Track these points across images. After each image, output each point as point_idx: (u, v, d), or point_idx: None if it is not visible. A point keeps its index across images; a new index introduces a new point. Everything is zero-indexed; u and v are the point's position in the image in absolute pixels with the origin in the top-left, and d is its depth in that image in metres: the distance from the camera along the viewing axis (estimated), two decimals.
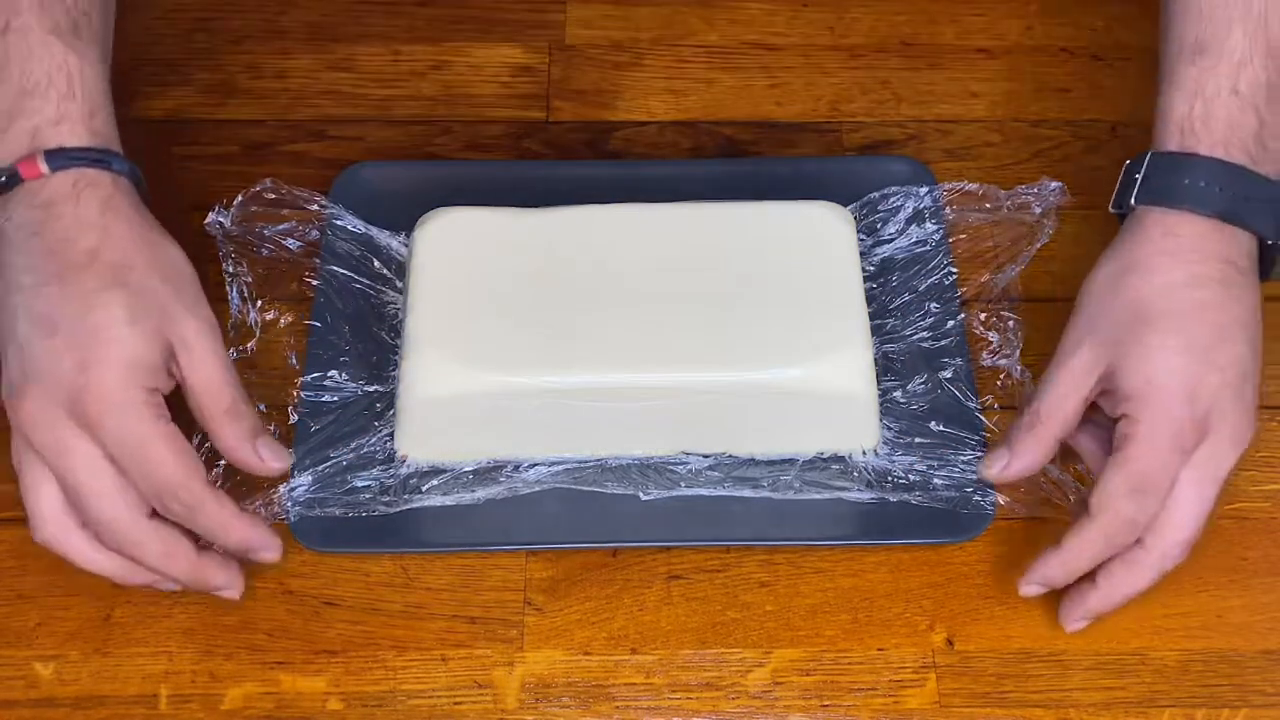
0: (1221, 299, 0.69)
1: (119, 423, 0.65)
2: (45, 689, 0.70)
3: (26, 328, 0.65)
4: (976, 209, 0.84)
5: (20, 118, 0.68)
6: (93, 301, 0.65)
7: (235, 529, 0.69)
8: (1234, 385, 0.69)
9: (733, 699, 0.70)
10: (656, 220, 0.79)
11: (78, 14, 0.70)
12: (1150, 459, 0.68)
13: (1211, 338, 0.69)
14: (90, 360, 0.65)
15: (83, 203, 0.67)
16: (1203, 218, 0.70)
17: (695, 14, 0.97)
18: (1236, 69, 0.71)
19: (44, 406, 0.65)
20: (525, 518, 0.75)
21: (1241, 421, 0.69)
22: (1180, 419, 0.68)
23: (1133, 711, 0.70)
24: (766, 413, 0.74)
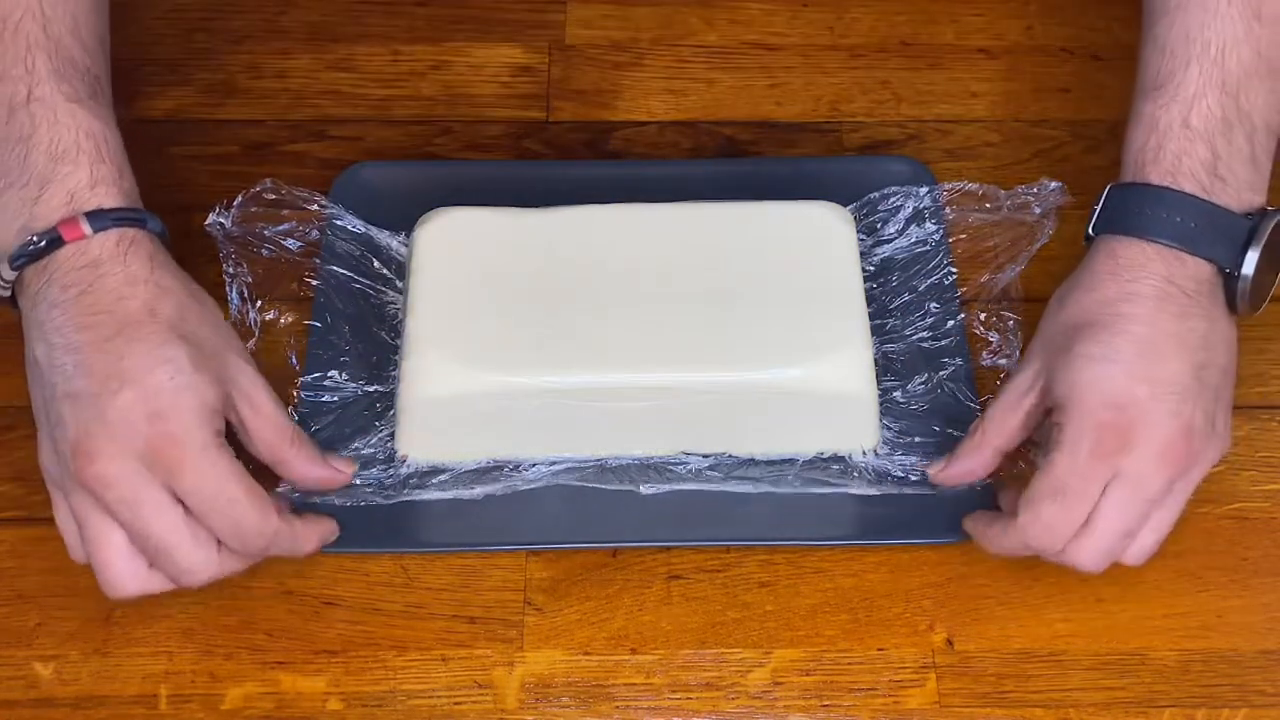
0: (1153, 314, 0.69)
1: (198, 468, 0.66)
2: (45, 689, 0.70)
3: (88, 385, 0.66)
4: (976, 209, 0.84)
5: (54, 183, 0.69)
6: (159, 355, 0.66)
7: (308, 541, 0.71)
8: (1167, 401, 0.68)
9: (733, 699, 0.70)
10: (656, 220, 0.79)
11: (91, 80, 0.72)
12: (1069, 464, 0.68)
13: (1140, 351, 0.69)
14: (164, 410, 0.65)
15: (130, 261, 0.69)
16: (1147, 242, 0.71)
17: (695, 14, 0.97)
18: (1190, 104, 0.72)
19: (121, 463, 0.65)
20: (525, 518, 0.75)
21: (1176, 440, 0.68)
22: (1101, 425, 0.68)
23: (1133, 711, 0.70)
24: (766, 413, 0.74)
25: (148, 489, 0.65)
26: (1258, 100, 0.72)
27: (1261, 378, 0.81)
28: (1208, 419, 0.69)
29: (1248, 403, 0.80)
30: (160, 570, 0.68)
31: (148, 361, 0.66)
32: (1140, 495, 0.68)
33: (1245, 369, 0.80)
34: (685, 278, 0.76)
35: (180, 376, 0.66)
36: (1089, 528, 0.69)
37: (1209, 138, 0.71)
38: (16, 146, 0.69)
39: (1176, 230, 0.71)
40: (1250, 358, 0.81)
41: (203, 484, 0.66)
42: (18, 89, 0.70)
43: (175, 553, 0.67)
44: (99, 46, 0.74)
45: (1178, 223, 0.71)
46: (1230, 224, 0.71)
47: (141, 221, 0.70)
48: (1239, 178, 0.72)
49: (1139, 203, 0.72)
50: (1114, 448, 0.67)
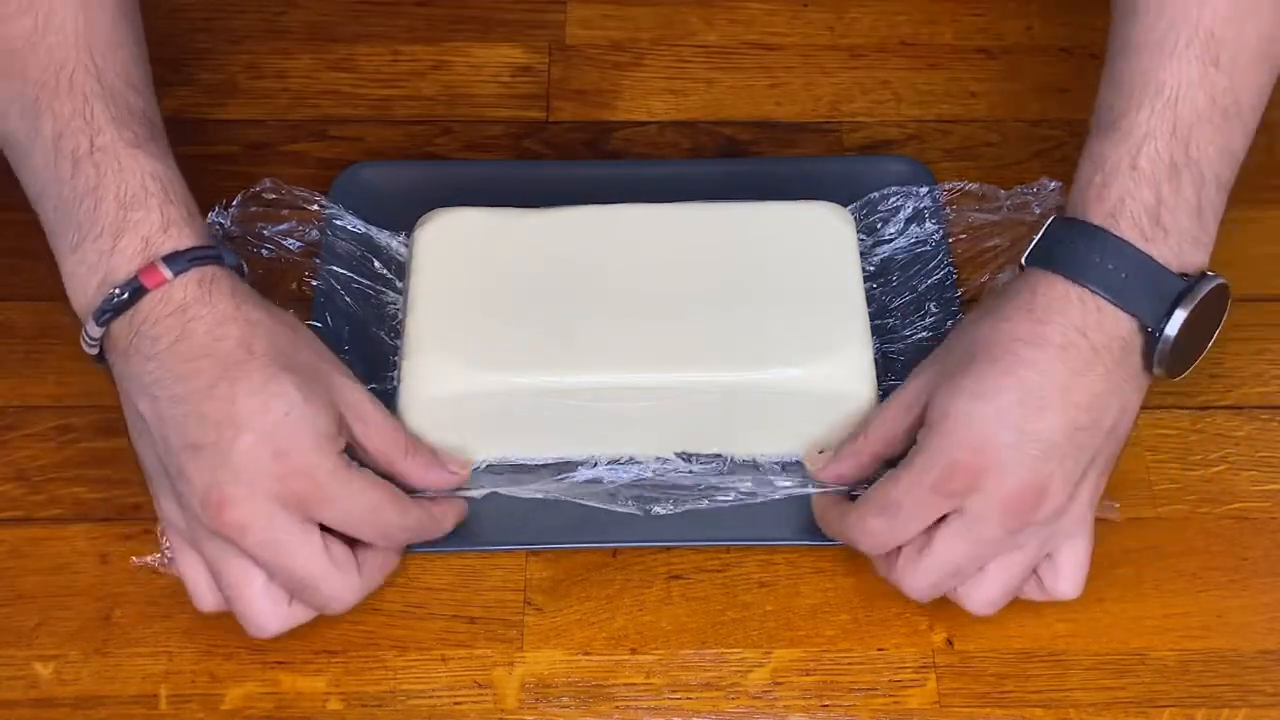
0: (1050, 363, 0.66)
1: (337, 494, 0.66)
2: (45, 689, 0.70)
3: (205, 434, 0.65)
4: (976, 209, 0.84)
5: (128, 231, 0.68)
6: (269, 393, 0.66)
7: (447, 521, 0.72)
8: (1026, 455, 0.66)
9: (733, 699, 0.70)
10: (656, 220, 0.78)
11: (148, 124, 0.72)
12: (908, 486, 0.67)
13: (1021, 399, 0.66)
14: (287, 448, 0.65)
15: (215, 300, 0.68)
16: (1072, 283, 0.68)
17: (695, 14, 0.97)
18: (1139, 144, 0.69)
19: (255, 506, 0.65)
20: (525, 518, 0.75)
21: (1023, 494, 0.66)
22: (953, 463, 0.66)
23: (1133, 711, 0.70)
24: (766, 413, 0.74)
25: (287, 528, 0.66)
26: (1209, 149, 0.69)
27: (1261, 377, 0.81)
28: (1067, 482, 0.67)
29: (1248, 403, 0.80)
30: (307, 602, 0.68)
31: (259, 401, 0.65)
32: (974, 535, 0.67)
33: (1245, 369, 0.81)
34: (685, 278, 0.76)
35: (294, 410, 0.66)
36: (921, 554, 0.68)
37: (1155, 182, 0.68)
38: (86, 199, 0.68)
39: (1105, 278, 0.67)
40: (1250, 358, 0.81)
41: (344, 505, 0.67)
42: (79, 141, 0.69)
43: (321, 584, 0.67)
44: (149, 90, 0.74)
45: (1109, 270, 0.67)
46: (1161, 281, 0.68)
47: (218, 258, 0.69)
48: (1181, 228, 0.69)
49: (1073, 241, 0.69)
50: (958, 487, 0.66)
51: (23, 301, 0.82)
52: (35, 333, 0.81)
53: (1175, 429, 0.79)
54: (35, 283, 0.82)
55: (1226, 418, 0.79)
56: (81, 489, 0.76)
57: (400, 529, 0.69)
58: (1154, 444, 0.78)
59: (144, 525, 0.75)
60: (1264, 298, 0.83)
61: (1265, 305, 0.83)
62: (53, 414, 0.78)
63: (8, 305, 0.82)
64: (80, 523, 0.75)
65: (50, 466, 0.77)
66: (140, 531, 0.75)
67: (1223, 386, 0.80)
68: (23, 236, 0.83)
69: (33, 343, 0.81)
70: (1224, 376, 0.81)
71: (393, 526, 0.69)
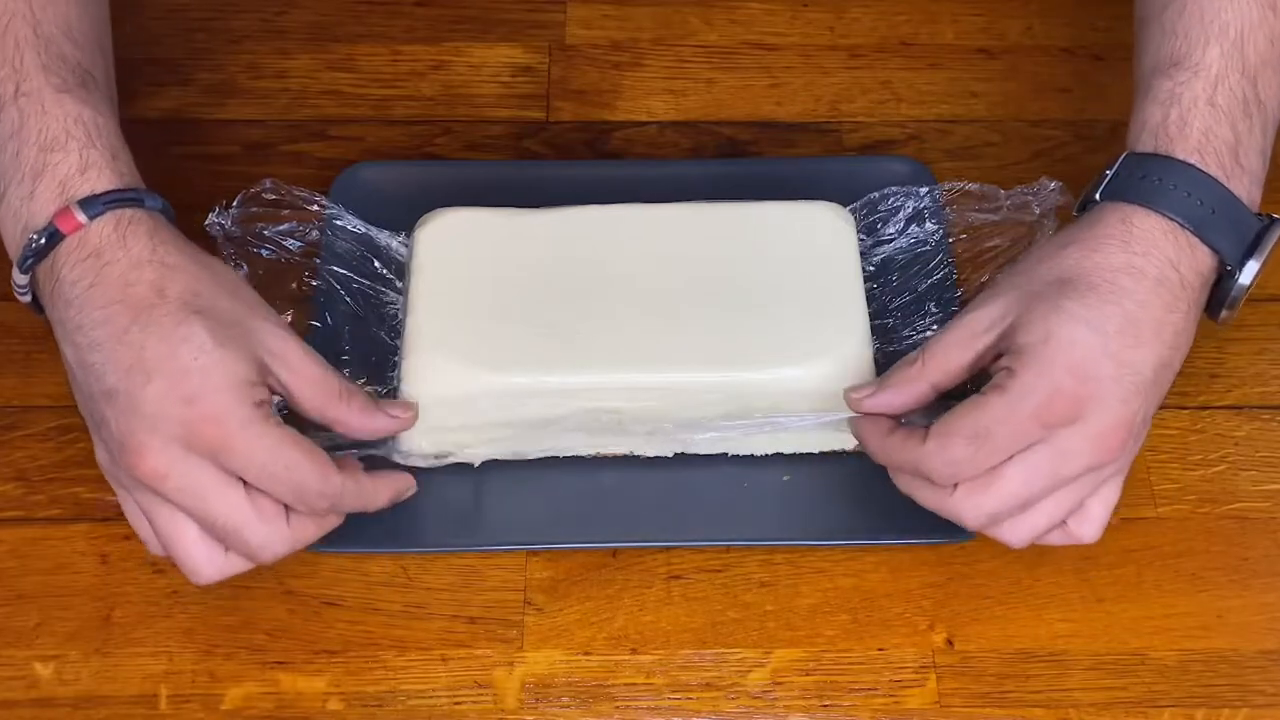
0: (1148, 297, 0.67)
1: (245, 443, 0.64)
2: (45, 689, 0.70)
3: (117, 381, 0.65)
4: (976, 209, 0.84)
5: (45, 174, 0.67)
6: (177, 337, 0.65)
7: (381, 494, 0.70)
8: (1124, 388, 0.65)
9: (733, 699, 0.70)
10: (656, 220, 0.79)
11: (81, 72, 0.71)
12: (1005, 413, 0.65)
13: (1122, 328, 0.66)
14: (196, 392, 0.64)
15: (130, 243, 0.67)
16: (1164, 218, 0.68)
17: (695, 14, 0.97)
18: (1214, 83, 0.70)
19: (168, 454, 0.64)
20: (525, 518, 0.75)
21: (1117, 429, 0.65)
22: (1057, 389, 0.64)
23: (1133, 711, 0.70)
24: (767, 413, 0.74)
25: (202, 474, 0.64)
26: (1271, 90, 0.70)
27: (1261, 377, 0.81)
28: (1145, 420, 0.67)
29: (1248, 403, 0.80)
30: (235, 550, 0.67)
31: (167, 347, 0.65)
32: (1057, 470, 0.65)
33: (1245, 369, 0.81)
34: (685, 278, 0.76)
35: (204, 355, 0.64)
36: (990, 484, 0.66)
37: (1232, 119, 0.69)
38: (9, 144, 0.68)
39: (1193, 212, 0.68)
40: (1250, 358, 0.81)
41: (253, 457, 0.64)
42: (6, 88, 0.69)
43: (244, 532, 0.65)
44: (94, 47, 0.73)
45: (1198, 205, 0.68)
46: (1241, 218, 0.69)
47: (138, 200, 0.68)
48: (1253, 168, 0.70)
49: (1160, 175, 0.68)
50: (1058, 417, 0.65)
51: None
52: (35, 333, 0.81)
53: (1175, 429, 0.79)
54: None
55: (1226, 418, 0.79)
56: (81, 489, 0.76)
57: (319, 495, 0.66)
58: (1154, 444, 0.78)
59: None
60: (1264, 298, 0.83)
61: (1265, 305, 0.83)
62: (53, 414, 0.78)
63: (8, 305, 0.82)
64: (80, 523, 0.75)
65: (50, 466, 0.77)
66: None
67: (1223, 386, 0.80)
68: None
69: (33, 343, 0.81)
70: (1224, 376, 0.81)
71: (309, 491, 0.66)
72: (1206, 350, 0.81)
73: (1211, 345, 0.81)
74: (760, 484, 0.76)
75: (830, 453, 0.76)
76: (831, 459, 0.76)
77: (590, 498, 0.75)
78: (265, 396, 0.66)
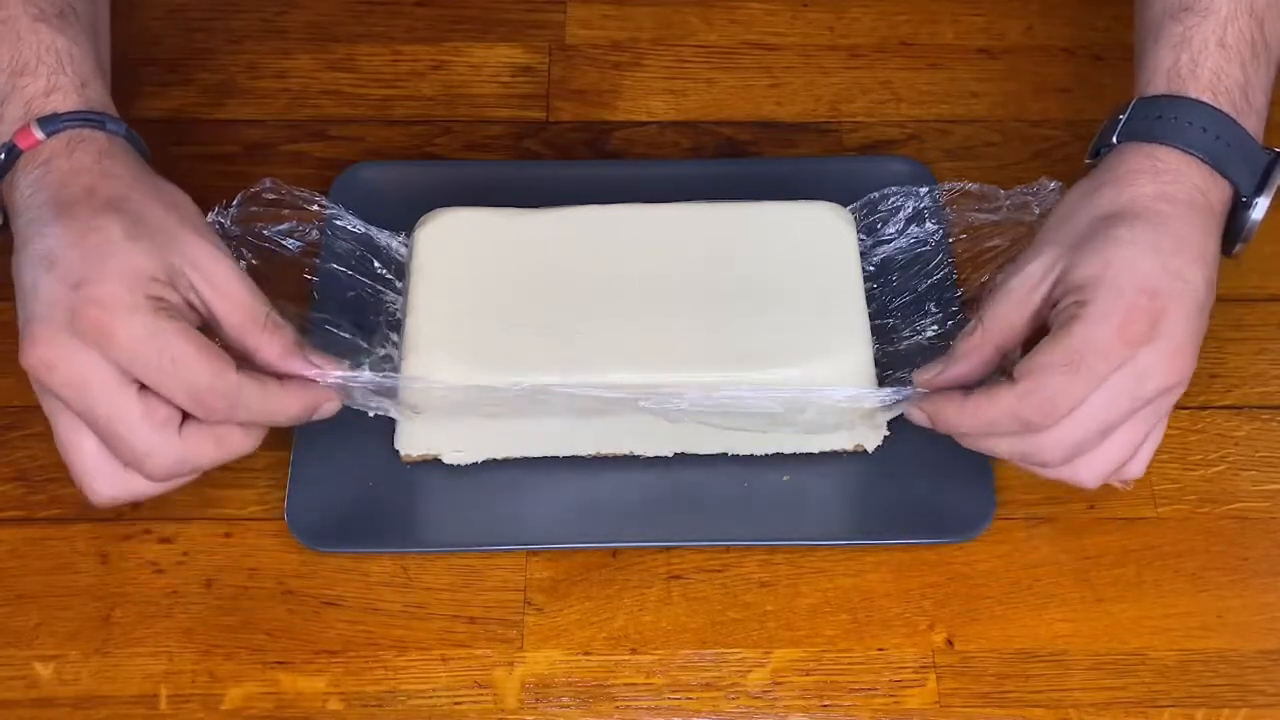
0: (1188, 220, 0.68)
1: (128, 328, 0.62)
2: (45, 689, 0.70)
3: (30, 273, 0.64)
4: (976, 209, 0.84)
5: (13, 97, 0.68)
6: (87, 227, 0.64)
7: (288, 401, 0.67)
8: (1189, 305, 0.66)
9: (733, 699, 0.70)
10: (656, 220, 0.78)
11: (61, 4, 0.71)
12: (1091, 337, 0.65)
13: (1174, 248, 0.67)
14: (90, 277, 0.63)
15: (76, 155, 0.67)
16: (1184, 153, 0.70)
17: (695, 14, 0.97)
18: (1224, 24, 0.71)
19: (52, 340, 0.62)
20: (525, 518, 0.75)
21: (1186, 345, 0.66)
22: (1133, 305, 0.65)
23: (1133, 711, 0.70)
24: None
25: (88, 365, 0.62)
26: (1275, 31, 0.72)
27: (1261, 377, 0.81)
28: (1202, 337, 0.68)
29: (1248, 403, 0.80)
30: (120, 457, 0.64)
31: (75, 235, 0.64)
32: (1135, 391, 0.66)
33: (1245, 369, 0.81)
34: (685, 278, 0.76)
35: (107, 245, 0.63)
36: (1072, 417, 0.66)
37: (1241, 60, 0.71)
38: None
39: (1210, 146, 0.69)
40: (1250, 358, 0.81)
41: (137, 346, 0.62)
42: None
43: (128, 435, 0.63)
44: None
45: (1214, 140, 0.70)
46: (1252, 153, 0.71)
47: (99, 124, 0.68)
48: (1259, 106, 0.72)
49: (1175, 113, 0.70)
50: (1140, 332, 0.65)
51: None
52: None
53: (1175, 429, 0.79)
54: None
55: (1226, 418, 0.79)
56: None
57: (214, 393, 0.63)
58: None
59: (144, 525, 0.75)
60: (1264, 298, 0.83)
61: (1265, 305, 0.83)
62: None
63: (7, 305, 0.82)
64: (80, 523, 0.75)
65: (50, 466, 0.76)
66: (140, 531, 0.75)
67: (1223, 386, 0.80)
68: None
69: None
70: (1224, 376, 0.81)
71: (202, 388, 0.63)
72: (1206, 350, 0.80)
73: (1211, 345, 0.81)
74: (760, 484, 0.76)
75: (830, 453, 0.76)
76: (831, 459, 0.76)
77: (590, 498, 0.75)
78: (167, 296, 0.64)
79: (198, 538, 0.74)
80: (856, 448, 0.77)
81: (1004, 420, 0.67)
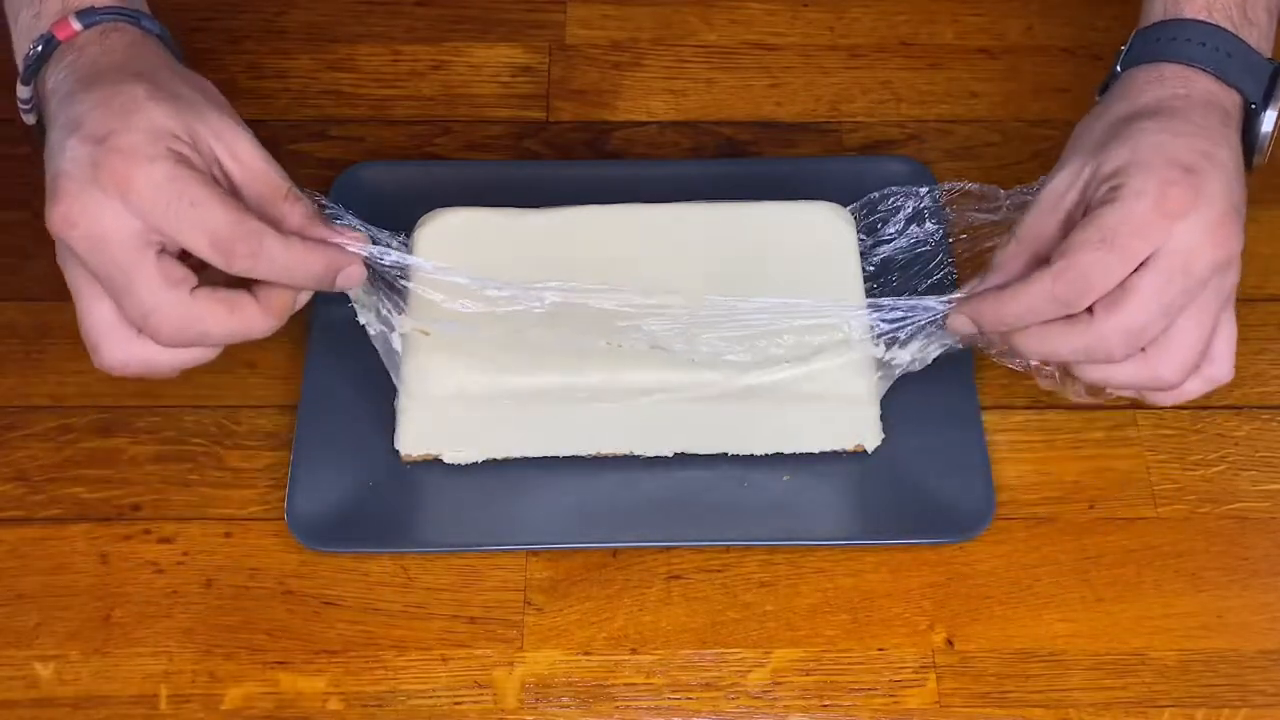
0: (1204, 110, 0.69)
1: (149, 175, 0.63)
2: (45, 689, 0.70)
3: (57, 138, 0.65)
4: (976, 209, 0.84)
5: None
6: (114, 91, 0.65)
7: (311, 257, 0.66)
8: (1222, 179, 0.66)
9: (733, 699, 0.70)
10: (656, 220, 0.78)
11: None
12: (1125, 213, 0.65)
13: (1198, 132, 0.68)
14: (113, 129, 0.63)
15: (108, 42, 0.68)
16: (1186, 65, 0.71)
17: (695, 14, 0.97)
18: None
19: (75, 194, 0.62)
20: (525, 518, 0.75)
21: (1228, 218, 0.66)
22: (1167, 179, 0.65)
23: (1133, 711, 0.70)
24: (767, 412, 0.74)
25: (108, 217, 0.62)
26: None
27: (1261, 377, 0.81)
28: (1243, 215, 0.67)
29: (1247, 403, 0.80)
30: (130, 316, 0.64)
31: (100, 97, 0.65)
32: (1187, 268, 0.65)
33: (1245, 369, 0.80)
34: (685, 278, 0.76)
35: (132, 103, 0.64)
36: (1121, 293, 0.65)
37: None
38: None
39: (1213, 57, 0.70)
40: (1250, 358, 0.81)
41: (158, 191, 0.62)
42: None
43: (138, 286, 0.63)
44: None
45: (1215, 51, 0.70)
46: (1254, 62, 0.71)
47: (135, 19, 0.69)
48: (1260, 23, 0.72)
49: (1174, 34, 0.72)
50: (1175, 206, 0.65)
51: (23, 301, 0.82)
52: (35, 333, 0.81)
53: (1175, 429, 0.79)
54: (35, 282, 0.82)
55: (1226, 418, 0.79)
56: (81, 489, 0.76)
57: (236, 236, 0.63)
58: (1154, 444, 0.78)
59: (144, 525, 0.75)
60: (1264, 298, 0.83)
61: (1265, 305, 0.83)
62: (53, 414, 0.78)
63: (8, 305, 0.82)
64: (80, 523, 0.75)
65: (50, 466, 0.77)
66: (140, 531, 0.75)
67: (1223, 386, 0.80)
68: (23, 236, 0.83)
69: (33, 343, 0.81)
70: None
71: (223, 231, 0.63)
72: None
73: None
74: (760, 484, 0.76)
75: (830, 453, 0.76)
76: (832, 459, 0.77)
77: (590, 498, 0.75)
78: (189, 155, 0.65)
79: (198, 538, 0.74)
80: (856, 448, 0.77)
81: (1042, 303, 0.66)
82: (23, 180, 0.84)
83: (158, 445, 0.77)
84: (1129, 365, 0.67)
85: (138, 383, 0.78)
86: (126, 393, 0.78)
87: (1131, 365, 0.67)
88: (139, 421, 0.78)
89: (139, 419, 0.78)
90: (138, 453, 0.77)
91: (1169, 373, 0.67)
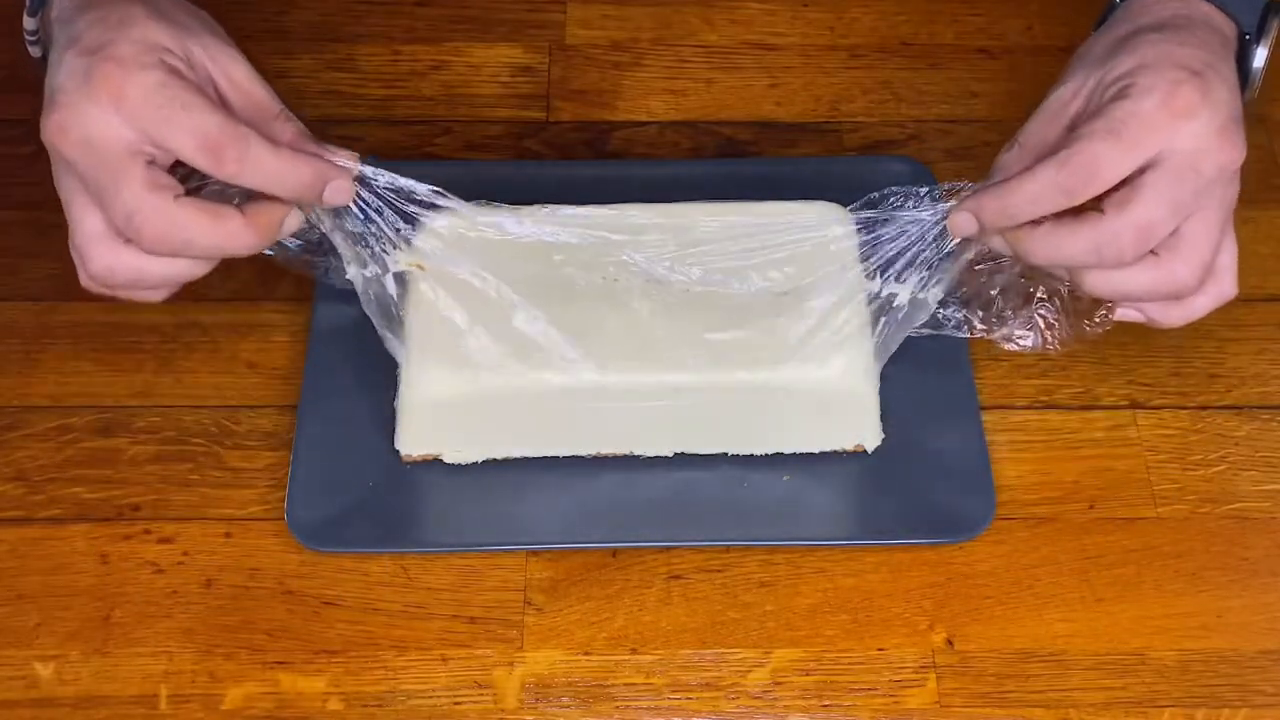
0: (1205, 29, 0.69)
1: (141, 82, 0.63)
2: (45, 689, 0.70)
3: (56, 57, 0.65)
4: None
5: None
6: (110, 9, 0.65)
7: (300, 166, 0.67)
8: (1225, 89, 0.66)
9: (733, 699, 0.70)
10: (656, 220, 0.78)
11: None
12: (1133, 108, 0.65)
13: (1201, 45, 0.67)
14: (109, 41, 0.64)
15: None
16: None
17: (695, 14, 0.97)
18: None
19: (68, 104, 0.64)
20: (525, 518, 0.75)
21: (1233, 124, 0.66)
22: (1176, 79, 0.65)
23: (1133, 711, 0.70)
24: (766, 412, 0.74)
25: (97, 122, 0.63)
26: None
27: (1261, 378, 0.81)
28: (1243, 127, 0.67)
29: (1248, 403, 0.80)
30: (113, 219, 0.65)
31: (97, 15, 0.65)
32: (1195, 166, 0.65)
33: (1245, 369, 0.81)
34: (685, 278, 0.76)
35: (129, 18, 0.65)
36: (1129, 190, 0.65)
37: None
38: None
39: None
40: (1250, 358, 0.81)
41: (149, 95, 0.63)
42: None
43: (123, 188, 0.64)
44: None
45: None
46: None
47: None
48: None
49: None
50: (1183, 105, 0.65)
51: (23, 301, 0.82)
52: (35, 333, 0.81)
53: (1175, 429, 0.79)
54: (35, 283, 0.82)
55: (1226, 418, 0.79)
56: (81, 489, 0.76)
57: (224, 137, 0.64)
58: (1154, 444, 0.78)
59: (144, 525, 0.75)
60: (1264, 298, 0.83)
61: (1265, 305, 0.83)
62: (53, 414, 0.78)
63: (8, 305, 0.82)
64: (80, 523, 0.75)
65: (50, 466, 0.77)
66: (140, 531, 0.75)
67: (1223, 386, 0.80)
68: (23, 236, 0.83)
69: (33, 343, 0.81)
70: (1224, 376, 0.81)
71: (212, 132, 0.64)
72: (1206, 350, 0.81)
73: (1211, 345, 0.81)
74: (760, 484, 0.76)
75: (830, 453, 0.76)
76: (832, 459, 0.77)
77: (590, 498, 0.75)
78: (182, 69, 0.65)
79: (198, 538, 0.74)
80: (856, 448, 0.77)
81: (1047, 191, 0.66)
82: (23, 180, 0.84)
83: (158, 445, 0.77)
84: (1143, 270, 0.67)
85: (138, 383, 0.79)
86: (127, 393, 0.78)
87: (1146, 270, 0.67)
88: (139, 421, 0.78)
89: (139, 419, 0.78)
90: (138, 453, 0.77)
91: (1185, 272, 0.67)
